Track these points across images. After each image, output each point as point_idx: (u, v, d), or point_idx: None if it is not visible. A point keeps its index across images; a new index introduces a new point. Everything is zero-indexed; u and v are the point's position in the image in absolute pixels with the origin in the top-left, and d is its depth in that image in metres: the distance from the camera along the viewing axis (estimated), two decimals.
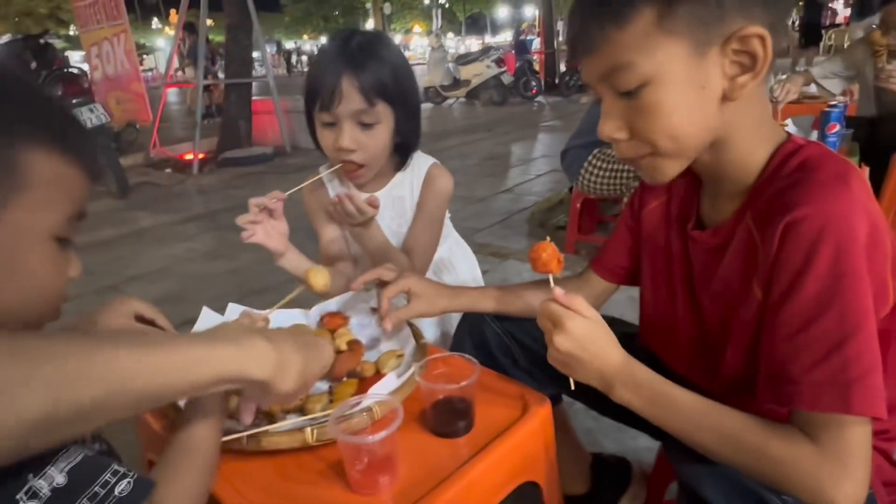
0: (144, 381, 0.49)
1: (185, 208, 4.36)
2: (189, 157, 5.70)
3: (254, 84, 6.69)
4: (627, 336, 0.78)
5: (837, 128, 1.92)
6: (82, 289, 2.59)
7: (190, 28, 8.05)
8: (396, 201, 1.25)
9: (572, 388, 0.75)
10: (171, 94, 14.85)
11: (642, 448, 1.42)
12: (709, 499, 0.65)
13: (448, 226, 1.36)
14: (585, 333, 0.69)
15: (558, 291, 0.70)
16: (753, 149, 0.69)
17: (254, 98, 6.49)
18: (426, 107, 10.29)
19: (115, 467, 0.52)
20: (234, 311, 1.01)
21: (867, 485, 0.59)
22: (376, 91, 1.06)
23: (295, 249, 1.14)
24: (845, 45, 5.73)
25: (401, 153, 1.20)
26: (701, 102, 0.64)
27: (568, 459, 1.19)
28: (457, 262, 1.39)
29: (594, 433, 1.47)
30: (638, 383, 0.69)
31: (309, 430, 0.72)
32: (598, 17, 0.64)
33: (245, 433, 0.73)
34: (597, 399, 0.93)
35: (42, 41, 5.27)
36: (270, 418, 0.80)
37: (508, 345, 0.98)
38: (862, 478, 0.59)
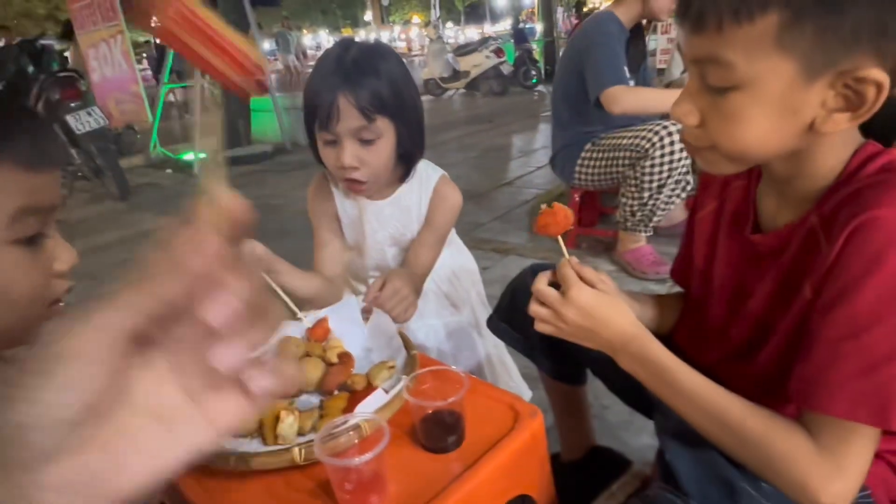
0: None
1: (186, 209, 4.34)
2: (189, 157, 5.69)
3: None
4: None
5: None
6: (84, 294, 2.59)
7: None
8: (403, 211, 1.25)
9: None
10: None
11: (645, 446, 1.42)
12: (681, 481, 0.67)
13: (451, 232, 1.35)
14: (590, 302, 0.71)
15: (573, 260, 0.73)
16: (835, 159, 0.65)
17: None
18: (426, 99, 10.23)
19: None
20: None
21: (856, 491, 0.59)
22: (375, 107, 1.04)
23: (285, 266, 1.11)
24: None
25: (404, 163, 1.19)
26: (785, 126, 0.60)
27: (571, 432, 1.24)
28: (457, 269, 1.38)
29: (596, 432, 1.46)
30: (645, 356, 0.71)
31: (297, 449, 0.71)
32: (718, 2, 0.57)
33: (232, 453, 0.72)
34: (612, 379, 0.98)
35: (38, 45, 5.25)
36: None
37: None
38: (854, 484, 0.59)
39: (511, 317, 1.09)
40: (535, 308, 0.77)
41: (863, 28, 0.54)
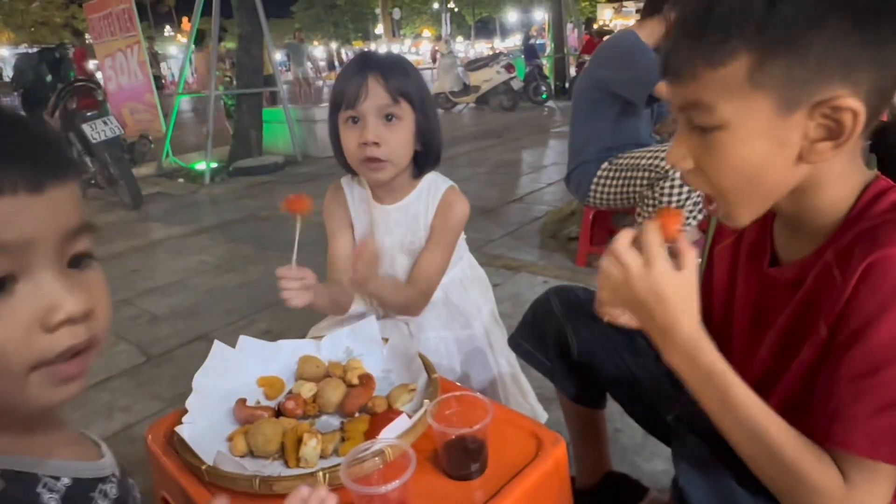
0: None
1: (197, 219, 4.38)
2: (201, 166, 5.74)
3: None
4: None
5: None
6: None
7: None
8: (411, 218, 1.26)
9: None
10: (183, 103, 14.98)
11: (658, 471, 1.41)
12: None
13: (462, 247, 1.36)
14: (669, 288, 0.65)
15: (683, 237, 0.68)
16: (839, 193, 0.66)
17: None
18: None
19: None
20: (245, 344, 1.01)
21: None
22: (400, 92, 1.12)
23: (318, 288, 1.11)
24: None
25: (418, 165, 1.22)
26: (775, 159, 0.62)
27: (588, 457, 1.22)
28: (468, 284, 1.38)
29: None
30: (697, 357, 0.66)
31: (321, 474, 0.71)
32: (692, 50, 0.62)
33: (256, 476, 0.72)
34: (632, 403, 0.99)
35: (57, 54, 5.34)
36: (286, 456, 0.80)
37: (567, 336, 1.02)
38: None
39: (533, 337, 1.09)
40: (607, 265, 0.69)
41: (828, 61, 0.56)
